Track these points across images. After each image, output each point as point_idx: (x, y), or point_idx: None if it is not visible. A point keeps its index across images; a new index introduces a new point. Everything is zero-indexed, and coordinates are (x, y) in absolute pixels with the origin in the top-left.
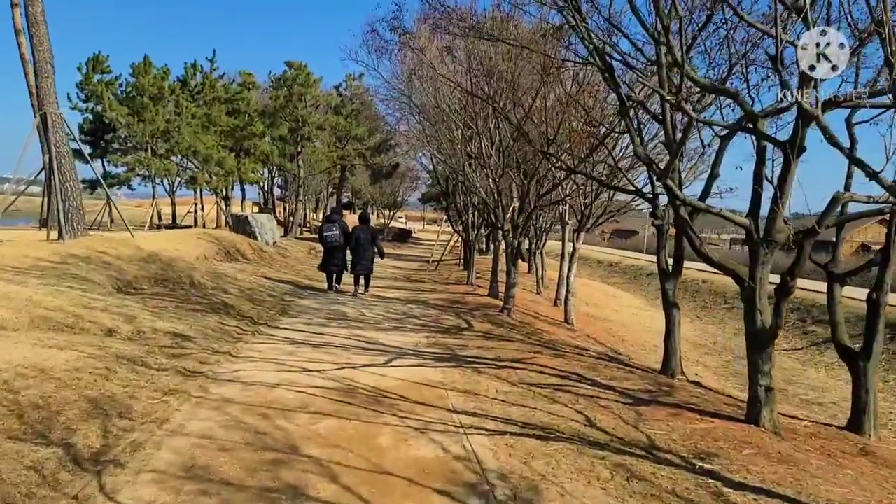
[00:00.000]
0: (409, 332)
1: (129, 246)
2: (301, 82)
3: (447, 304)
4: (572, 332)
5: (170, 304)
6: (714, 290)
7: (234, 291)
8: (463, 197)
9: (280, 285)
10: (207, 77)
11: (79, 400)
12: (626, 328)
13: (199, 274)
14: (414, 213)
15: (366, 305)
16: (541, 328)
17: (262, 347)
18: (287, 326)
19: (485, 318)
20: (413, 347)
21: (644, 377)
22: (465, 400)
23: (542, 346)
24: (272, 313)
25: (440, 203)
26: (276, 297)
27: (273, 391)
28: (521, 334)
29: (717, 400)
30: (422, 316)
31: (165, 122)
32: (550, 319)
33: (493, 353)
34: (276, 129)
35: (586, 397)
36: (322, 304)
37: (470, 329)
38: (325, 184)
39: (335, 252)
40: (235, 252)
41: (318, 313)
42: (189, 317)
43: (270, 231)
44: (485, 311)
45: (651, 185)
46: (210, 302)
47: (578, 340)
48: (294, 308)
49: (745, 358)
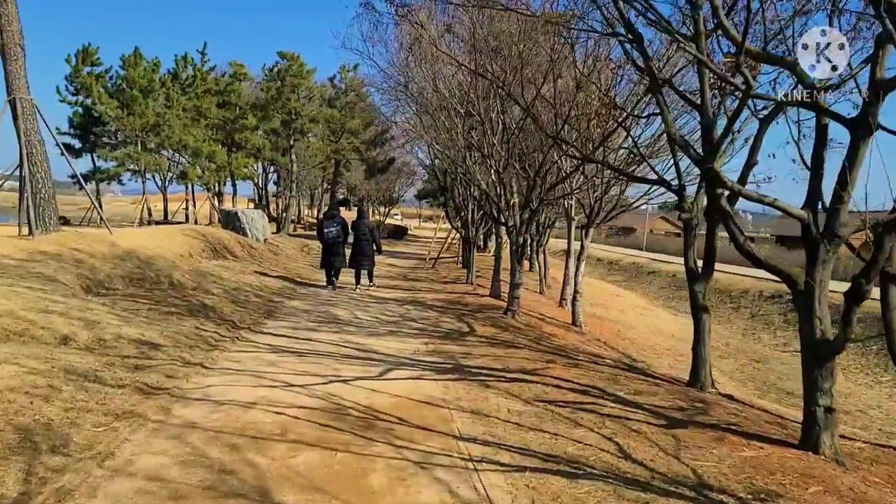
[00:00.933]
0: (406, 338)
1: (105, 242)
2: (294, 73)
3: (447, 306)
4: (582, 336)
5: (143, 306)
6: (718, 289)
7: (218, 292)
8: (462, 192)
9: (268, 284)
10: (198, 70)
11: (4, 429)
12: (634, 330)
13: (180, 272)
14: (410, 210)
15: (359, 307)
16: (549, 332)
17: (242, 357)
18: (272, 331)
19: (488, 320)
20: (411, 356)
21: (672, 391)
22: (472, 422)
23: (553, 354)
24: (257, 316)
25: (437, 199)
26: (262, 297)
27: (247, 412)
28: (529, 339)
29: (758, 418)
30: (420, 319)
31: (156, 115)
32: (557, 321)
33: (500, 362)
34: (269, 121)
35: (613, 418)
36: (312, 306)
37: (473, 333)
38: (319, 179)
39: (335, 248)
40: (223, 249)
41: (308, 316)
42: (162, 321)
43: (261, 227)
44: (487, 312)
45: (677, 174)
46: (189, 304)
47: (590, 345)
48: (282, 310)
49: (759, 362)
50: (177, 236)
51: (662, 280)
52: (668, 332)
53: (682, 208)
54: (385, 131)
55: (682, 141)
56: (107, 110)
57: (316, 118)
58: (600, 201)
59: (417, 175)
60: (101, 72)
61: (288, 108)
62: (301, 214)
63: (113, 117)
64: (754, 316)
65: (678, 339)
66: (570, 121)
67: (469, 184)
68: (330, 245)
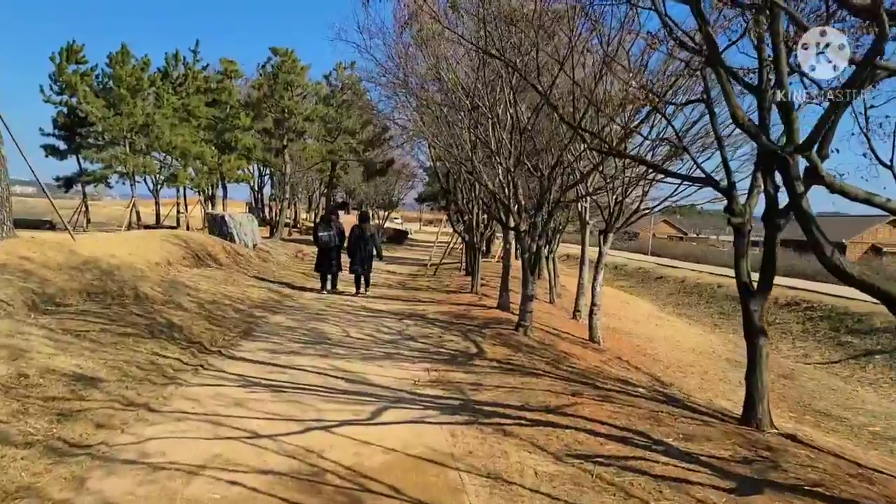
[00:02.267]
0: (404, 362)
1: (63, 250)
2: (288, 69)
3: (450, 320)
4: (602, 354)
5: (94, 326)
6: (731, 296)
7: (191, 306)
8: (466, 194)
9: (252, 296)
10: (190, 68)
11: None
12: (653, 344)
13: (150, 284)
14: (410, 214)
15: (352, 323)
16: (566, 351)
17: (202, 393)
18: (246, 355)
19: (498, 338)
20: (410, 388)
21: (727, 432)
22: (490, 494)
23: (578, 383)
24: (232, 335)
25: (437, 203)
26: (242, 311)
27: (191, 483)
28: (547, 362)
29: (837, 471)
30: (420, 336)
31: (144, 115)
32: (573, 337)
33: (517, 395)
34: (261, 121)
35: (670, 482)
36: (299, 321)
37: (482, 356)
38: (317, 182)
39: (330, 252)
40: (206, 256)
41: (292, 334)
42: (112, 346)
43: (250, 232)
44: (496, 328)
45: (726, 171)
46: (152, 322)
47: (613, 366)
48: (262, 327)
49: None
50: (154, 242)
51: (671, 286)
52: (689, 346)
53: (732, 211)
54: (384, 131)
55: (753, 127)
56: (92, 110)
57: (311, 117)
58: (620, 203)
59: (418, 177)
60: (87, 70)
61: (281, 107)
62: (297, 218)
63: (99, 117)
64: (770, 325)
65: (699, 354)
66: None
67: (474, 185)
68: (325, 250)
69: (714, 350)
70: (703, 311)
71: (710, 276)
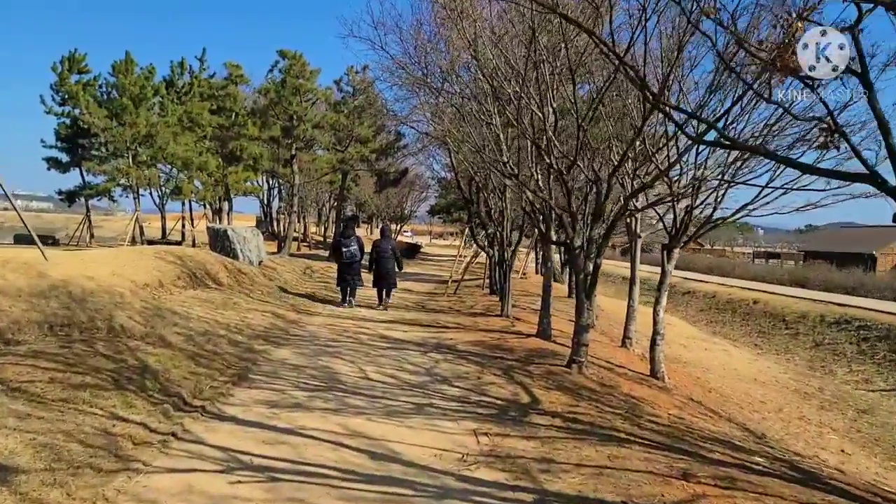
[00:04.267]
0: (441, 419)
1: (30, 272)
2: (296, 73)
3: (485, 352)
4: (673, 396)
5: (43, 374)
6: (770, 313)
7: (176, 340)
8: (498, 202)
9: (253, 323)
10: (196, 77)
11: None
12: (711, 374)
13: (129, 312)
14: (420, 227)
15: (370, 357)
16: (635, 395)
17: (164, 489)
18: (238, 413)
19: (549, 378)
20: (457, 469)
21: None
22: None
23: (675, 451)
24: (222, 381)
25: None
26: (240, 345)
27: None
28: (621, 414)
29: None
30: (454, 377)
31: (148, 125)
32: (630, 371)
33: (610, 482)
34: (268, 129)
35: None
36: (306, 357)
37: (538, 407)
38: (327, 195)
39: (353, 267)
40: (204, 276)
41: (297, 376)
42: (57, 406)
43: (256, 248)
44: (543, 363)
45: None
46: (121, 365)
47: (693, 413)
48: (262, 366)
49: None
50: (146, 261)
51: (700, 301)
52: (748, 375)
53: None
54: (398, 138)
55: None
56: (94, 120)
57: (320, 124)
58: (691, 212)
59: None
60: (90, 80)
61: (289, 113)
62: (307, 232)
63: (101, 128)
64: (819, 345)
65: (763, 385)
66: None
67: (503, 194)
68: (348, 264)
69: (777, 379)
70: (740, 330)
71: (743, 291)
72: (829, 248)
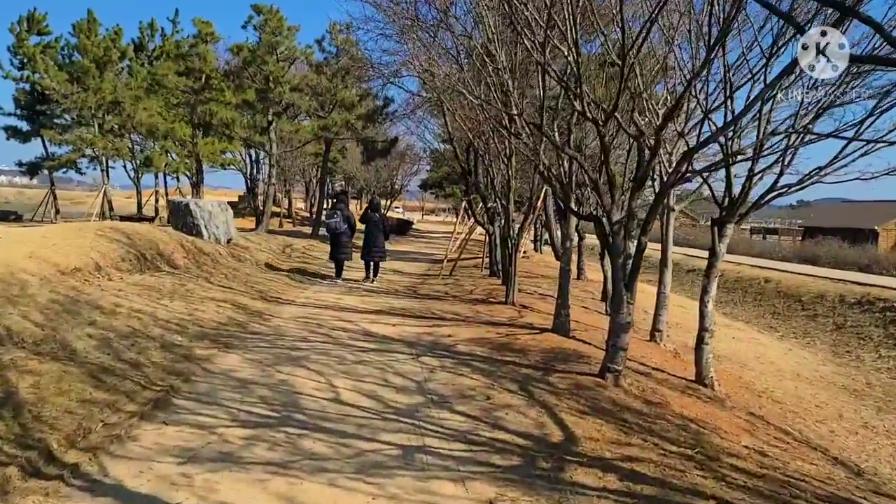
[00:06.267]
0: (438, 479)
1: None
2: (272, 30)
3: (493, 355)
4: (733, 412)
5: None
6: (784, 293)
7: (84, 346)
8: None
9: (205, 316)
10: (167, 39)
11: None
12: (751, 370)
13: (26, 309)
14: (411, 203)
15: (347, 364)
16: (688, 413)
17: None
18: (123, 478)
19: (579, 395)
20: None
21: None
22: None
23: None
24: (126, 414)
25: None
26: (176, 350)
27: None
28: (689, 455)
29: None
30: (455, 395)
31: (115, 91)
32: (668, 374)
33: None
34: (242, 92)
35: None
36: (261, 369)
37: (573, 449)
38: (313, 168)
39: (338, 238)
40: (156, 257)
41: (241, 399)
42: None
43: (223, 224)
44: (566, 371)
45: None
46: None
47: (768, 441)
48: (195, 384)
49: None
50: (83, 240)
51: None
52: (788, 369)
53: None
54: (386, 104)
55: None
56: (53, 84)
57: (299, 86)
58: (751, 177)
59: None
60: (51, 41)
61: (265, 74)
62: (292, 208)
63: (60, 92)
64: (840, 328)
65: (808, 382)
66: None
67: (509, 160)
68: (335, 236)
69: (820, 374)
70: (752, 311)
71: (753, 269)
72: (829, 224)
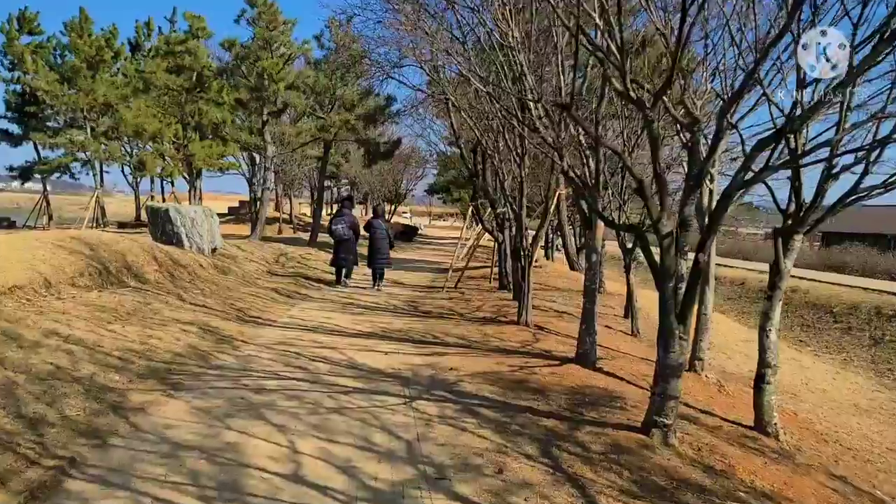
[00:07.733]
0: None
1: None
2: (266, 24)
3: (504, 398)
4: (813, 477)
5: None
6: (813, 303)
7: None
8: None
9: (160, 345)
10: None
11: None
12: (804, 402)
13: None
14: (418, 208)
15: (320, 413)
16: (759, 484)
17: None
18: None
19: (619, 463)
20: None
21: None
22: None
23: None
24: None
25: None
26: (105, 395)
27: None
28: None
29: None
30: (457, 466)
31: (106, 91)
32: (720, 419)
33: None
34: (235, 90)
35: None
36: (207, 423)
37: None
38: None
39: (344, 244)
40: (122, 270)
41: (162, 480)
42: None
43: (207, 232)
44: (601, 423)
45: None
46: None
47: None
48: (108, 454)
49: None
50: (35, 251)
51: (727, 289)
52: (845, 400)
53: None
54: (388, 103)
55: None
56: (42, 84)
57: (295, 84)
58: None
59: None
60: (42, 42)
61: (259, 71)
62: (294, 213)
63: (50, 93)
64: (878, 342)
65: (868, 414)
66: None
67: (522, 160)
68: (339, 242)
69: (880, 404)
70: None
71: None
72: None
